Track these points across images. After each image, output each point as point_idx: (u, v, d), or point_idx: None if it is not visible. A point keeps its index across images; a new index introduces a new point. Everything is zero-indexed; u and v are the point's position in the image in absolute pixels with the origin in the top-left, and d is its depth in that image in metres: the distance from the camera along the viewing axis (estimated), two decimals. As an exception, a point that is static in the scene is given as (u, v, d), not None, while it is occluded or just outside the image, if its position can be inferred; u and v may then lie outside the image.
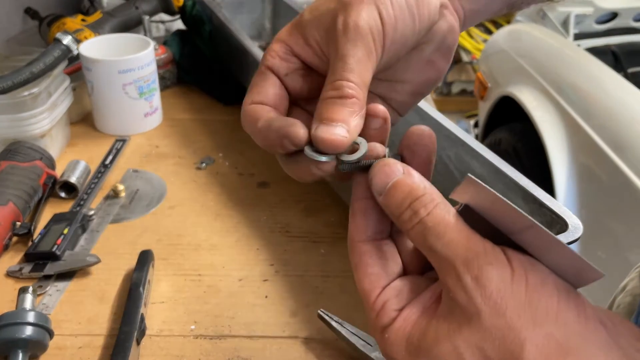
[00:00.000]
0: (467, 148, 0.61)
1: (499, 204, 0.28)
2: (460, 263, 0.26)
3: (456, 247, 0.27)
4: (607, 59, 1.60)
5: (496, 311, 0.25)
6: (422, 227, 0.28)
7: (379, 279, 0.30)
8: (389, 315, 0.29)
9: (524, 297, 0.25)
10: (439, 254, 0.27)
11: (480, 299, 0.25)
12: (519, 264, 0.26)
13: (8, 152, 0.69)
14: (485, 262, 0.26)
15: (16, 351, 0.48)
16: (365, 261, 0.30)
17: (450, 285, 0.26)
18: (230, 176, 0.77)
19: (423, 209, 0.28)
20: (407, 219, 0.28)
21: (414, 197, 0.28)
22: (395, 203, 0.29)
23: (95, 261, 0.59)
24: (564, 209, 0.52)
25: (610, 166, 1.25)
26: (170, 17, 1.11)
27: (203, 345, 0.52)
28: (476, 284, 0.26)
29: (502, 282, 0.25)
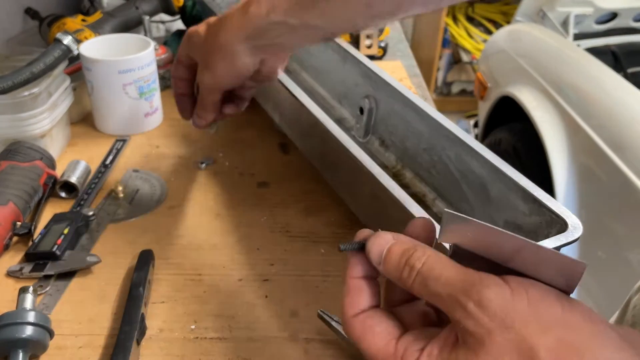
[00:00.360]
0: (467, 148, 0.61)
1: (484, 231, 0.30)
2: (461, 294, 0.28)
3: (454, 282, 0.29)
4: (607, 59, 1.60)
5: (504, 326, 0.27)
6: (421, 277, 0.31)
7: (389, 332, 0.32)
8: (412, 355, 0.30)
9: (527, 309, 0.27)
10: (442, 295, 0.29)
11: (487, 319, 0.27)
12: (516, 283, 0.28)
13: (8, 152, 0.69)
14: (483, 287, 0.28)
15: (16, 351, 0.48)
16: (369, 325, 0.33)
17: (458, 318, 0.28)
18: (231, 176, 0.77)
19: (417, 261, 0.31)
20: (407, 275, 0.31)
21: (408, 255, 0.32)
22: (394, 266, 0.32)
23: (96, 261, 0.59)
24: (563, 209, 0.52)
25: (610, 166, 1.25)
26: (170, 17, 1.11)
27: (203, 345, 0.52)
28: (479, 307, 0.28)
29: (503, 300, 0.27)
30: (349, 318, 0.33)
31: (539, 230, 0.54)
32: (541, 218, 0.54)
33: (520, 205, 0.56)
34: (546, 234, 0.52)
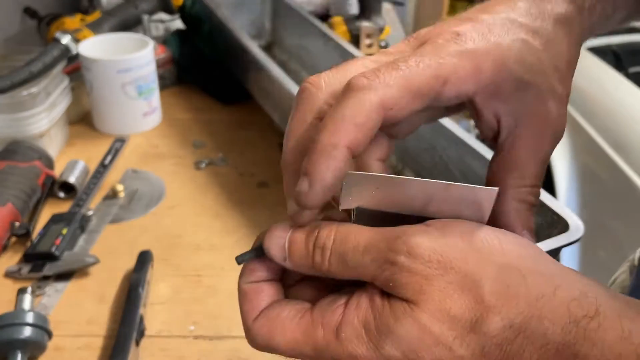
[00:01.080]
0: (468, 148, 0.61)
1: (391, 184, 0.27)
2: (388, 252, 0.25)
3: (375, 244, 0.26)
4: (608, 58, 1.59)
5: (442, 268, 0.25)
6: (336, 255, 0.26)
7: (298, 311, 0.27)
8: (335, 313, 0.26)
9: (462, 245, 0.25)
10: (365, 263, 0.26)
11: (422, 266, 0.24)
12: (440, 224, 0.26)
13: (7, 152, 0.69)
14: (409, 236, 0.25)
15: (15, 352, 0.47)
16: (273, 315, 0.28)
17: (390, 276, 0.25)
18: (230, 176, 0.76)
19: (327, 240, 0.27)
20: (320, 259, 0.27)
21: (314, 237, 0.27)
22: (302, 255, 0.27)
23: (94, 261, 0.59)
24: (564, 209, 0.52)
25: (611, 166, 1.25)
26: (169, 17, 1.10)
27: (202, 346, 0.52)
28: (410, 256, 0.25)
29: (435, 242, 0.25)
30: (250, 323, 0.28)
31: (540, 231, 0.54)
32: (542, 218, 0.53)
33: (521, 205, 0.56)
34: (547, 235, 0.52)
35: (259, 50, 0.78)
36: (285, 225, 0.28)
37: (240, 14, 1.03)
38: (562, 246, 0.48)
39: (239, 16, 1.02)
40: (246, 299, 0.29)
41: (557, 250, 0.48)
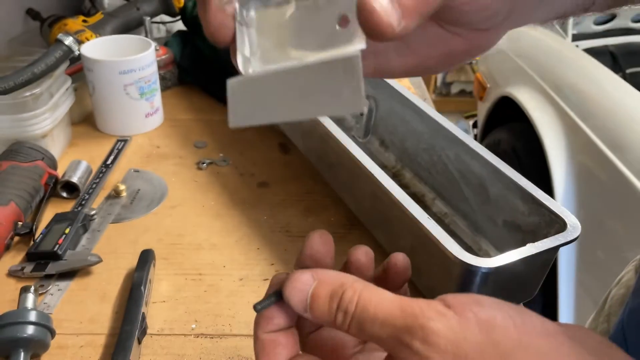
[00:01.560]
0: (467, 148, 0.62)
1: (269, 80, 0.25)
2: (403, 333, 0.25)
3: (393, 321, 0.25)
4: (606, 59, 1.60)
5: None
6: (356, 321, 0.27)
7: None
8: None
9: (479, 336, 0.24)
10: (382, 336, 0.26)
11: (437, 355, 0.24)
12: (461, 307, 0.25)
13: (9, 153, 0.70)
14: (426, 320, 0.25)
15: (18, 350, 0.48)
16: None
17: (405, 358, 0.25)
18: (231, 176, 0.77)
19: (350, 304, 0.27)
20: (341, 320, 0.27)
21: (338, 299, 0.27)
22: (324, 313, 0.28)
23: (97, 261, 0.59)
24: (562, 209, 0.52)
25: (608, 166, 1.25)
26: (171, 18, 1.11)
27: (204, 344, 0.52)
28: (426, 344, 0.24)
29: (451, 331, 0.24)
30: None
31: (538, 230, 0.54)
32: (540, 218, 0.54)
33: (519, 205, 0.56)
34: (545, 234, 0.52)
35: (259, 52, 0.78)
36: (308, 276, 0.28)
37: (241, 15, 1.03)
38: (560, 245, 0.49)
39: (239, 17, 1.02)
40: (264, 353, 0.29)
41: (554, 249, 0.49)
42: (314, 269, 0.29)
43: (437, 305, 0.26)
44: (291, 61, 0.25)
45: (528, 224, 0.56)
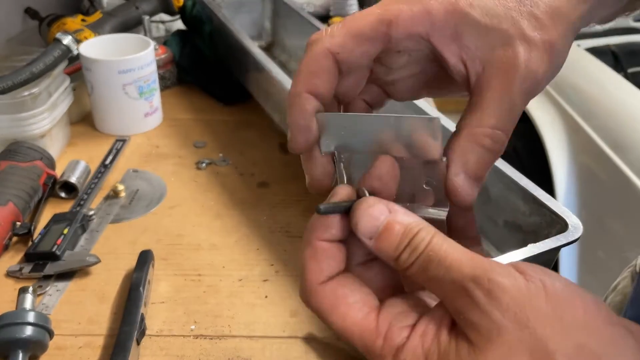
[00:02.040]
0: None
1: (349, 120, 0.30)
2: (469, 280, 0.24)
3: (461, 267, 0.25)
4: (607, 59, 1.59)
5: (518, 323, 0.23)
6: (422, 260, 0.26)
7: (365, 303, 0.28)
8: (400, 333, 0.26)
9: (545, 306, 0.24)
10: (444, 280, 0.25)
11: (498, 312, 0.24)
12: (532, 273, 0.25)
13: (8, 152, 0.69)
14: (495, 274, 0.24)
15: (16, 351, 0.48)
16: (340, 294, 0.28)
17: (461, 307, 0.25)
18: (231, 176, 0.77)
19: (422, 242, 0.27)
20: (406, 258, 0.27)
21: (411, 236, 0.27)
22: (391, 246, 0.27)
23: (95, 261, 0.59)
24: (563, 209, 0.52)
25: (610, 166, 1.25)
26: (170, 17, 1.11)
27: (203, 345, 0.52)
28: (489, 298, 0.24)
29: (518, 292, 0.24)
30: (314, 286, 0.28)
31: (539, 231, 0.54)
32: (541, 218, 0.54)
33: (520, 205, 0.56)
34: (546, 234, 0.52)
35: (259, 51, 0.78)
36: (383, 206, 0.28)
37: (241, 14, 1.03)
38: (561, 246, 0.49)
39: (239, 17, 1.02)
40: (315, 258, 0.29)
41: (556, 249, 0.49)
42: (389, 202, 0.28)
43: (508, 267, 0.25)
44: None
45: (529, 224, 0.55)
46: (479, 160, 0.29)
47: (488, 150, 0.29)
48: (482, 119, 0.29)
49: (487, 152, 0.29)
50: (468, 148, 0.29)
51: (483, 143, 0.29)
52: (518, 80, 0.29)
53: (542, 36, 0.29)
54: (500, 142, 0.29)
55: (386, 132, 0.29)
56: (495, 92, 0.29)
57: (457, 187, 0.29)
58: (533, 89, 0.30)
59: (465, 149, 0.29)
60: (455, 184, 0.29)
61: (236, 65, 0.89)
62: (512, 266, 0.25)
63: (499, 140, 0.29)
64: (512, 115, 0.30)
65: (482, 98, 0.29)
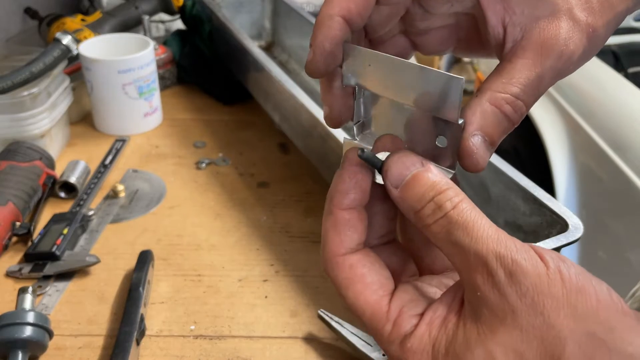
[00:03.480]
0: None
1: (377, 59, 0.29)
2: (493, 258, 0.24)
3: (487, 241, 0.24)
4: (608, 58, 1.59)
5: (534, 309, 0.23)
6: (446, 221, 0.25)
7: (382, 286, 0.27)
8: (409, 321, 0.26)
9: (560, 293, 0.23)
10: (467, 250, 0.25)
11: (516, 296, 0.23)
12: (550, 259, 0.24)
13: (8, 152, 0.69)
14: (519, 256, 0.24)
15: (16, 351, 0.48)
16: (359, 272, 0.28)
17: (479, 283, 0.24)
18: (230, 176, 0.77)
19: (449, 202, 0.25)
20: (430, 213, 0.26)
21: (438, 191, 0.26)
22: (416, 196, 0.26)
23: (95, 261, 0.59)
24: (564, 209, 0.52)
25: (610, 166, 1.25)
26: (170, 17, 1.11)
27: (203, 346, 0.52)
28: (510, 279, 0.23)
29: (539, 277, 0.23)
30: (334, 257, 0.28)
31: (540, 231, 0.54)
32: (542, 218, 0.53)
33: (520, 205, 0.56)
34: (547, 234, 0.52)
35: (259, 51, 0.78)
36: (417, 158, 0.27)
37: (241, 14, 1.03)
38: (562, 246, 0.48)
39: (239, 17, 1.02)
40: (335, 229, 0.29)
41: (556, 249, 0.48)
42: (424, 159, 0.28)
43: (531, 250, 0.25)
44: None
45: (529, 224, 0.55)
46: (498, 125, 0.28)
47: (507, 118, 0.28)
48: (508, 86, 0.28)
49: (506, 119, 0.28)
50: (488, 111, 0.28)
51: (504, 109, 0.28)
52: (554, 55, 0.28)
53: (587, 19, 0.29)
54: (520, 112, 0.29)
55: (409, 80, 0.28)
56: (528, 62, 0.28)
57: (472, 148, 0.28)
58: (565, 69, 0.29)
59: (485, 111, 0.28)
60: (471, 145, 0.28)
61: (236, 65, 0.89)
62: (533, 249, 0.25)
63: (520, 110, 0.28)
64: (537, 89, 0.29)
65: (513, 65, 0.29)
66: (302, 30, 0.93)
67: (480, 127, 0.28)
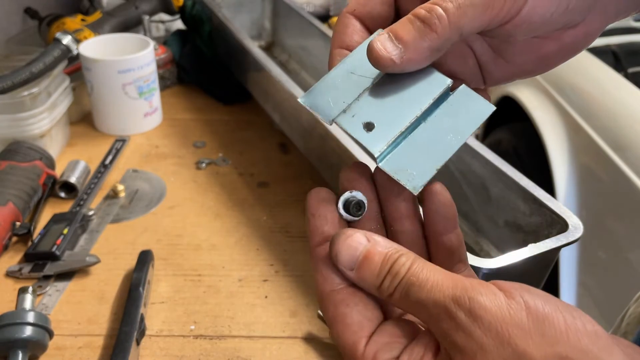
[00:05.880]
0: (468, 148, 0.61)
1: None
2: (450, 301, 0.25)
3: (442, 289, 0.25)
4: (607, 58, 1.59)
5: (500, 341, 0.23)
6: (403, 285, 0.26)
7: (361, 328, 0.28)
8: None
9: (526, 320, 0.24)
10: (426, 303, 0.25)
11: (480, 331, 0.24)
12: (513, 290, 0.25)
13: (8, 152, 0.69)
14: (475, 293, 0.24)
15: (16, 351, 0.48)
16: (342, 311, 0.28)
17: (445, 329, 0.25)
18: (230, 176, 0.77)
19: (402, 268, 0.26)
20: (388, 284, 0.27)
21: (392, 262, 0.27)
22: (372, 274, 0.27)
23: (95, 261, 0.59)
24: (564, 209, 0.52)
25: (610, 166, 1.25)
26: (170, 17, 1.10)
27: (203, 346, 0.52)
28: (471, 317, 0.24)
29: (499, 309, 0.24)
30: (321, 293, 0.29)
31: (540, 231, 0.54)
32: (542, 218, 0.53)
33: (520, 205, 0.56)
34: (547, 234, 0.52)
35: (259, 51, 0.78)
36: (361, 235, 0.28)
37: (241, 14, 1.03)
38: (562, 246, 0.49)
39: (239, 17, 1.02)
40: (317, 268, 0.29)
41: (556, 249, 0.49)
42: (366, 231, 0.28)
43: (490, 285, 0.25)
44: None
45: (529, 224, 0.55)
46: (408, 24, 0.28)
47: (420, 20, 0.28)
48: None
49: (419, 20, 0.28)
50: (404, 18, 0.29)
51: (418, 12, 0.28)
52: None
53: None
54: (436, 13, 0.28)
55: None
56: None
57: (373, 41, 0.28)
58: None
59: (402, 20, 0.29)
60: (374, 40, 0.28)
61: (236, 65, 0.89)
62: (494, 284, 0.25)
63: (435, 12, 0.28)
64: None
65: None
66: (302, 30, 0.93)
67: (389, 29, 0.29)
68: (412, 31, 0.28)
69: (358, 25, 0.32)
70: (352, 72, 0.30)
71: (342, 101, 0.30)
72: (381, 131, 0.29)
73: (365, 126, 0.29)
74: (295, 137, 0.75)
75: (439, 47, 0.28)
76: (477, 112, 0.30)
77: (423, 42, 0.28)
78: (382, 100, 0.30)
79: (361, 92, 0.30)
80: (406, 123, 0.29)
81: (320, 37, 0.87)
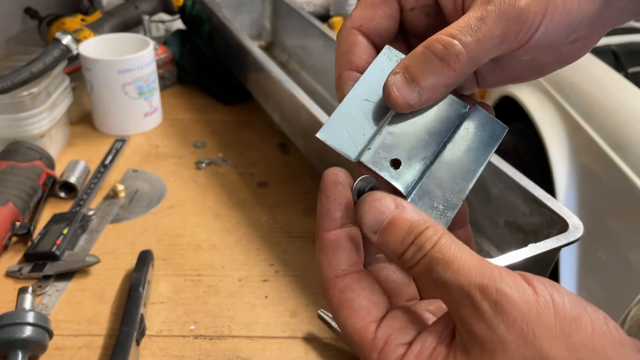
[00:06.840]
0: (468, 148, 0.61)
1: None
2: (476, 289, 0.23)
3: (469, 273, 0.24)
4: (608, 58, 1.59)
5: (523, 339, 0.22)
6: (428, 260, 0.25)
7: (369, 312, 0.27)
8: (396, 351, 0.25)
9: (553, 323, 0.22)
10: (450, 285, 0.24)
11: (503, 326, 0.22)
12: (541, 287, 0.23)
13: (7, 152, 0.69)
14: (504, 285, 0.23)
15: (15, 351, 0.48)
16: (348, 297, 0.27)
17: (466, 316, 0.23)
18: (230, 176, 0.77)
19: (428, 242, 0.25)
20: (411, 256, 0.25)
21: (417, 232, 0.25)
22: (396, 242, 0.26)
23: (95, 261, 0.59)
24: (564, 209, 0.52)
25: (610, 166, 1.25)
26: (170, 17, 1.10)
27: (203, 346, 0.52)
28: (496, 310, 0.23)
29: (526, 305, 0.23)
30: (326, 280, 0.28)
31: (540, 231, 0.54)
32: (542, 218, 0.53)
33: (520, 205, 0.56)
34: (547, 234, 0.52)
35: (259, 51, 0.78)
36: (390, 200, 0.26)
37: (241, 14, 1.03)
38: (562, 246, 0.49)
39: (239, 17, 1.02)
40: (324, 252, 0.28)
41: (556, 250, 0.49)
42: (396, 197, 0.27)
43: (517, 276, 0.24)
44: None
45: (529, 224, 0.55)
46: (424, 62, 0.27)
47: (437, 56, 0.27)
48: (443, 30, 0.28)
49: (436, 57, 0.27)
50: (418, 51, 0.28)
51: (434, 47, 0.27)
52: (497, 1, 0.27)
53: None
54: (453, 50, 0.27)
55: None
56: (470, 12, 0.27)
57: (389, 84, 0.28)
58: (514, 18, 0.27)
59: (415, 52, 0.28)
60: (389, 82, 0.28)
61: (236, 65, 0.88)
62: (521, 276, 0.24)
63: (453, 48, 0.27)
64: (478, 30, 0.27)
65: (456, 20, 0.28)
66: (302, 30, 0.93)
67: (404, 66, 0.28)
68: (429, 71, 0.27)
69: (365, 42, 0.31)
70: (367, 99, 0.29)
71: (361, 133, 0.29)
72: (407, 167, 0.28)
73: (392, 164, 0.28)
74: (295, 137, 0.75)
75: (456, 82, 0.28)
76: (493, 135, 0.30)
77: (440, 81, 0.28)
78: (403, 133, 0.29)
79: (380, 123, 0.29)
80: (429, 155, 0.29)
81: (321, 37, 0.87)
